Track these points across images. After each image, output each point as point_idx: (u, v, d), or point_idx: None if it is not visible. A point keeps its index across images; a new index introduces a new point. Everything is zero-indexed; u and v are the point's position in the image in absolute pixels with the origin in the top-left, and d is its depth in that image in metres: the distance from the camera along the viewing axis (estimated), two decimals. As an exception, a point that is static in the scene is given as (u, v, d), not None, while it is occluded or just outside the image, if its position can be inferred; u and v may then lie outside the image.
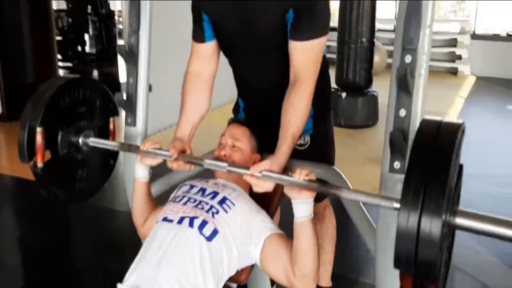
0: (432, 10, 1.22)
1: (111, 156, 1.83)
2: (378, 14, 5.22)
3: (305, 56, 1.41)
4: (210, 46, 1.59)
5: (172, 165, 1.45)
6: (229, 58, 1.66)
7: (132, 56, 1.66)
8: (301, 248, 1.26)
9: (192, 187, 1.47)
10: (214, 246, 1.28)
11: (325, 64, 1.61)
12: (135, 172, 1.52)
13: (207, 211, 1.33)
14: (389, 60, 6.63)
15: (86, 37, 7.70)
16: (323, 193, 1.29)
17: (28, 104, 1.52)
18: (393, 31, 3.95)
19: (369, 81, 5.02)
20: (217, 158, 1.47)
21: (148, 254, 1.28)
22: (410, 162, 0.93)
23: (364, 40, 4.87)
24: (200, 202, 1.37)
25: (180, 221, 1.30)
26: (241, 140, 1.52)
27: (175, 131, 1.58)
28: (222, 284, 1.32)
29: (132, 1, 1.64)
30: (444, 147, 0.92)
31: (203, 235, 1.28)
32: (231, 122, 1.64)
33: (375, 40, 5.09)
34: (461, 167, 1.11)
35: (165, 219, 1.34)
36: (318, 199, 1.86)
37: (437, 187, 0.87)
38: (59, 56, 6.52)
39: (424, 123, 1.00)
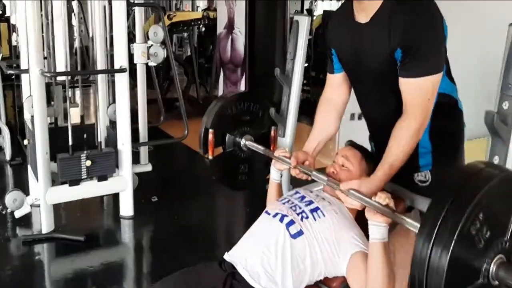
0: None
1: (269, 158, 2.24)
2: None
3: (413, 92, 1.49)
4: (339, 77, 1.80)
5: (292, 172, 1.73)
6: (353, 90, 1.82)
7: (287, 79, 2.03)
8: (371, 268, 1.38)
9: (296, 192, 1.69)
10: (297, 244, 1.47)
11: (453, 103, 1.68)
12: (271, 174, 1.86)
13: (298, 214, 1.54)
14: None
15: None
16: (392, 219, 1.34)
17: (205, 114, 2.05)
18: None
19: None
20: (328, 174, 1.66)
21: (246, 237, 1.60)
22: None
23: None
24: (296, 205, 1.58)
25: (275, 215, 1.56)
26: (351, 161, 1.67)
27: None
28: (305, 281, 1.51)
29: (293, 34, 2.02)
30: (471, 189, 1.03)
31: (288, 231, 1.49)
32: (347, 144, 1.81)
33: None
34: None
35: (266, 212, 1.63)
36: None
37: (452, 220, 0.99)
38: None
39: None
